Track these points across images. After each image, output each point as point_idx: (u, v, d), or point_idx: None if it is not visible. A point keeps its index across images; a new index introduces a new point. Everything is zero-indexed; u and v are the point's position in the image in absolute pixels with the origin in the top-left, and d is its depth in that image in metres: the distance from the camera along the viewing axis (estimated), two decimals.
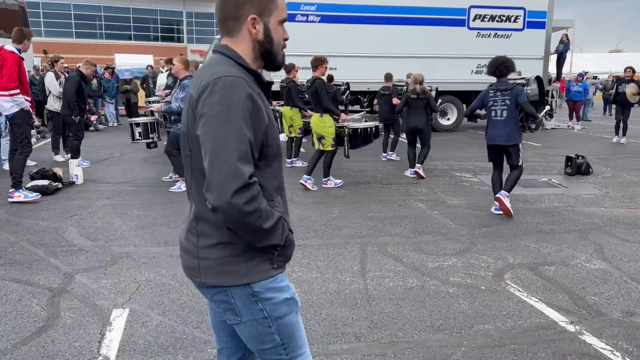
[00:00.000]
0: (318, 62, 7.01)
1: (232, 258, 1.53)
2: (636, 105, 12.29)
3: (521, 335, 3.17)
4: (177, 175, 7.14)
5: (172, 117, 6.74)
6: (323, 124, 7.01)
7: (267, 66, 1.64)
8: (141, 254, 4.52)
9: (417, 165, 7.92)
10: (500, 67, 5.77)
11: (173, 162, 6.93)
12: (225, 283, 1.54)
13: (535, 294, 3.77)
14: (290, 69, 8.86)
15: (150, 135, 7.46)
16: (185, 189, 6.52)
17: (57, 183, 6.87)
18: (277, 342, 1.61)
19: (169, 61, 11.84)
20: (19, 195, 6.14)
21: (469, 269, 4.26)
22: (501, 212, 5.87)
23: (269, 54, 1.62)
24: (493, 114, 5.84)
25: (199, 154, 1.49)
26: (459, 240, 4.99)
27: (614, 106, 13.94)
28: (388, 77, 9.97)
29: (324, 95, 6.92)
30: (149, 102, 12.84)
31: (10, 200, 6.14)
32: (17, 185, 6.19)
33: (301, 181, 7.05)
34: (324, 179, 7.28)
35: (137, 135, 7.50)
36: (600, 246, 4.86)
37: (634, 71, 12.67)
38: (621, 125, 12.33)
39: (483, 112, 6.19)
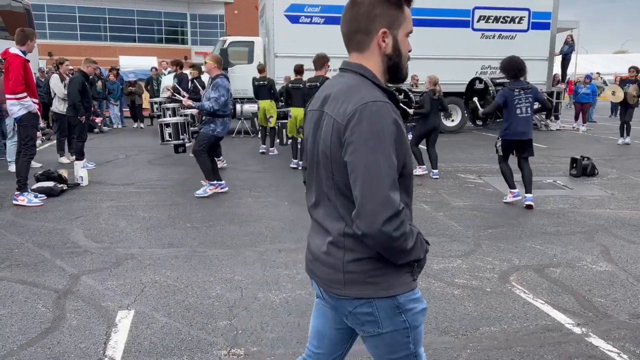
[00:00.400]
0: (324, 61, 6.90)
1: (378, 271, 1.56)
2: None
3: (527, 337, 3.16)
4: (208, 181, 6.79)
5: (203, 118, 6.55)
6: None
7: (392, 79, 1.64)
8: (146, 255, 4.53)
9: (435, 171, 8.08)
10: (522, 68, 6.14)
11: (200, 163, 6.65)
12: (371, 295, 1.57)
13: (541, 295, 3.76)
14: (301, 70, 8.84)
15: (181, 137, 7.23)
16: (210, 192, 6.55)
17: (62, 185, 6.90)
18: (410, 351, 1.65)
19: (176, 63, 11.84)
20: (23, 200, 6.17)
21: (474, 270, 4.24)
22: (513, 201, 6.42)
23: (396, 68, 1.62)
24: (519, 111, 6.11)
25: (343, 178, 1.51)
26: (464, 242, 4.98)
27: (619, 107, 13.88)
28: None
29: None
30: (154, 102, 12.89)
31: (14, 202, 6.16)
32: (21, 188, 6.21)
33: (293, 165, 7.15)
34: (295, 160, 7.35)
35: (167, 137, 7.26)
36: (607, 248, 4.84)
37: (638, 71, 12.61)
38: (625, 126, 12.30)
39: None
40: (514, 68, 6.07)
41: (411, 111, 8.77)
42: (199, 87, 9.88)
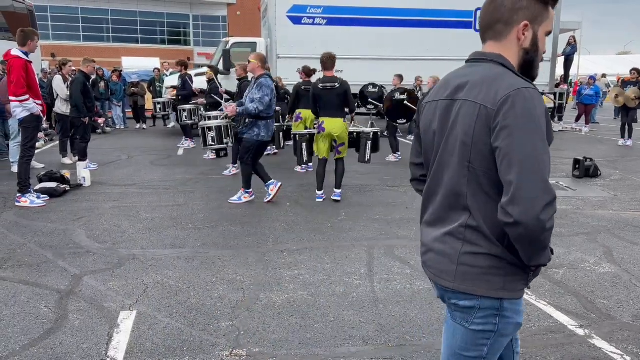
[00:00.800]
0: (334, 60, 6.47)
1: (495, 270, 1.53)
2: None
3: (530, 339, 3.15)
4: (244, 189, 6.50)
5: (245, 121, 6.16)
6: (346, 129, 6.48)
7: (523, 75, 1.61)
8: (148, 256, 4.53)
9: None
10: None
11: (243, 171, 6.38)
12: (480, 292, 1.55)
13: (544, 297, 3.75)
14: (312, 72, 8.62)
15: (225, 140, 6.85)
16: (245, 200, 6.32)
17: (64, 185, 6.91)
18: (482, 355, 1.62)
19: (181, 63, 11.82)
20: (25, 201, 6.17)
21: None
22: None
23: (530, 64, 1.60)
24: None
25: (483, 166, 1.49)
26: None
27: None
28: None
29: (352, 97, 6.54)
30: (157, 102, 12.89)
31: (17, 204, 6.17)
32: (23, 190, 6.22)
33: (337, 197, 6.51)
34: (339, 191, 6.59)
35: (209, 141, 6.90)
36: (609, 249, 4.82)
37: (639, 73, 12.59)
38: (626, 127, 12.28)
39: None
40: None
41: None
42: (217, 87, 9.84)
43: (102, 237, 5.05)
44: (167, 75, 15.79)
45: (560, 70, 17.27)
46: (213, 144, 6.93)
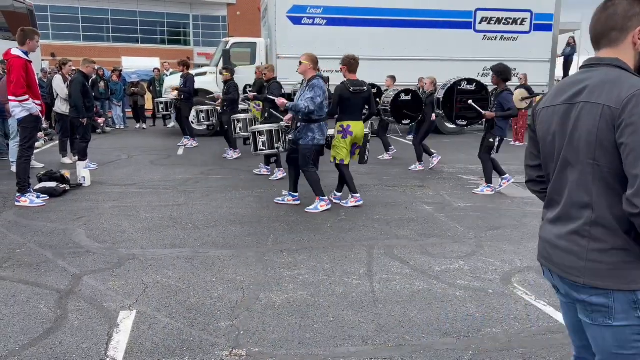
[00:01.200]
0: (358, 62, 6.26)
1: (625, 264, 1.60)
2: None
3: (529, 339, 3.16)
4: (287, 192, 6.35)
5: (297, 125, 5.99)
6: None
7: None
8: (148, 255, 4.53)
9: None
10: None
11: (308, 179, 6.10)
12: (612, 287, 1.60)
13: (544, 297, 3.75)
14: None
15: (276, 145, 6.52)
16: (323, 208, 5.96)
17: (64, 185, 6.91)
18: (639, 350, 1.66)
19: (183, 64, 11.80)
20: (25, 201, 6.17)
21: (476, 272, 4.24)
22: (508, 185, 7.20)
23: None
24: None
25: (609, 163, 1.58)
26: (466, 243, 4.97)
27: None
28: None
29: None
30: (159, 102, 12.88)
31: (17, 204, 6.17)
32: (22, 189, 6.22)
33: (359, 203, 6.29)
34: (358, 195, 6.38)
35: (260, 145, 6.56)
36: None
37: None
38: None
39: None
40: (509, 72, 6.82)
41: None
42: (233, 89, 9.75)
43: (101, 237, 5.05)
44: (167, 75, 15.80)
45: (559, 72, 17.29)
46: (264, 148, 6.58)
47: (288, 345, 3.04)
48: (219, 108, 10.65)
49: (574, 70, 20.32)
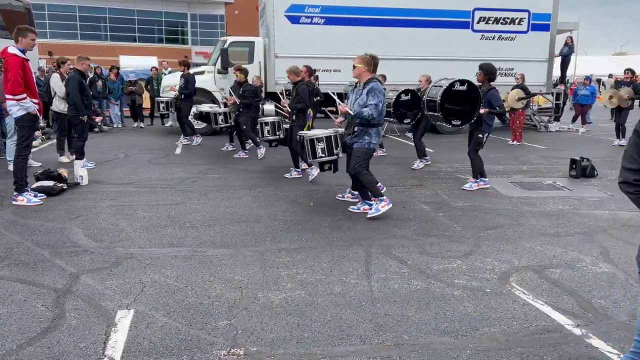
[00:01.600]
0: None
1: None
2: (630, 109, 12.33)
3: (527, 338, 3.16)
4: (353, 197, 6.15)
5: (354, 129, 5.76)
6: None
7: None
8: (146, 255, 4.52)
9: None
10: None
11: (365, 181, 5.84)
12: None
13: (541, 296, 3.76)
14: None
15: (335, 151, 6.22)
16: (384, 208, 5.62)
17: (62, 184, 6.89)
18: None
19: (183, 63, 11.79)
20: (22, 200, 6.16)
21: (474, 271, 4.24)
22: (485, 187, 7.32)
23: None
24: None
25: None
26: (464, 243, 4.98)
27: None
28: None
29: None
30: (160, 102, 12.84)
31: (14, 203, 6.15)
32: (19, 188, 6.20)
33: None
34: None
35: (319, 152, 6.24)
36: (606, 249, 4.84)
37: (633, 74, 12.67)
38: (620, 127, 12.35)
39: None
40: (496, 73, 7.23)
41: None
42: (250, 92, 9.71)
43: (99, 236, 5.04)
44: (165, 74, 15.77)
45: (557, 71, 17.32)
46: (323, 155, 6.23)
47: (286, 344, 3.04)
48: (224, 108, 10.72)
49: (571, 70, 20.36)
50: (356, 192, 6.40)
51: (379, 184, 6.26)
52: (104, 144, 11.71)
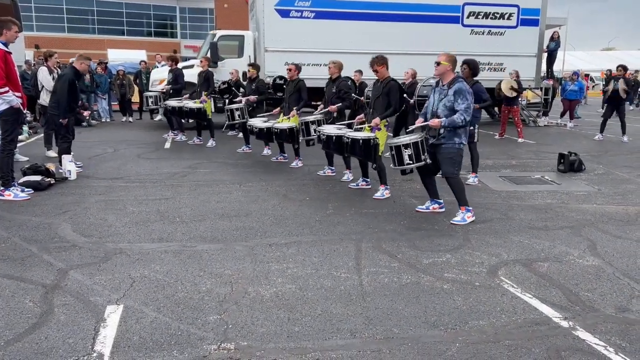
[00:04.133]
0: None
1: None
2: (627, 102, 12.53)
3: (515, 331, 3.19)
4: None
5: (440, 133, 5.47)
6: None
7: None
8: (135, 250, 4.50)
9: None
10: None
11: (455, 186, 5.59)
12: None
13: (529, 290, 3.80)
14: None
15: (422, 157, 5.72)
16: (469, 220, 5.45)
17: (49, 179, 6.83)
18: None
19: (171, 58, 11.75)
20: (9, 195, 6.08)
21: (463, 265, 4.27)
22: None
23: None
24: None
25: None
26: (453, 237, 5.01)
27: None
28: None
29: None
30: (149, 97, 12.74)
31: (0, 198, 6.08)
32: (5, 183, 6.12)
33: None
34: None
35: (407, 159, 5.75)
36: (593, 242, 4.89)
37: (625, 69, 12.80)
38: (614, 123, 12.51)
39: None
40: (479, 68, 7.30)
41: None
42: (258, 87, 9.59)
43: (88, 231, 5.00)
44: (158, 67, 15.62)
45: (543, 66, 17.41)
46: (411, 162, 5.79)
47: (276, 338, 3.05)
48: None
49: (557, 65, 20.49)
50: (369, 179, 6.90)
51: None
52: (92, 139, 11.60)
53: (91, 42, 36.05)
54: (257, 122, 8.66)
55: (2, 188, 6.13)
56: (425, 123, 5.56)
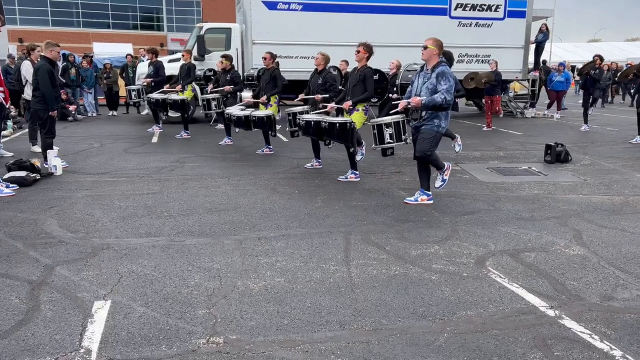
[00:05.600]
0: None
1: None
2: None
3: (503, 320, 3.22)
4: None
5: (422, 114, 5.55)
6: None
7: None
8: (123, 245, 4.47)
9: None
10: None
11: (431, 160, 5.75)
12: None
13: (516, 280, 3.83)
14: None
15: (403, 137, 5.91)
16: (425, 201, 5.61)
17: (35, 174, 6.75)
18: None
19: (151, 51, 11.73)
20: None
21: (451, 256, 4.30)
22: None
23: None
24: None
25: None
26: (441, 228, 5.04)
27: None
28: None
29: None
30: (131, 90, 12.61)
31: None
32: None
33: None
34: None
35: (387, 138, 5.87)
36: (579, 232, 4.95)
37: (602, 60, 13.07)
38: (598, 114, 12.71)
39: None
40: (453, 59, 7.50)
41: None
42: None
43: (74, 227, 4.95)
44: (143, 61, 15.47)
45: (531, 57, 17.50)
46: (391, 141, 5.95)
47: (265, 331, 3.05)
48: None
49: (545, 56, 20.60)
50: (357, 172, 6.98)
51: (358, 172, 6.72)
52: (78, 133, 11.48)
53: (76, 35, 35.56)
54: (235, 111, 8.70)
55: None
56: (407, 101, 5.66)
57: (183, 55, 11.55)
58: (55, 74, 7.61)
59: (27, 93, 9.02)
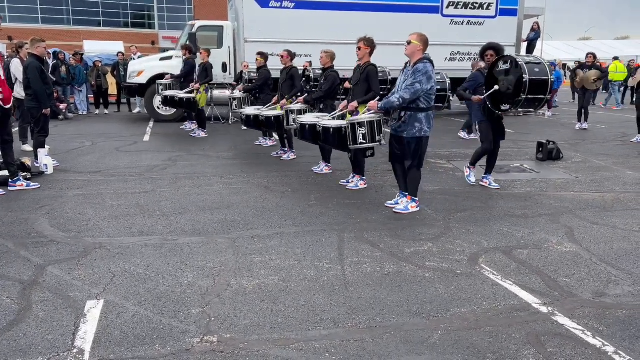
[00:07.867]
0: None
1: None
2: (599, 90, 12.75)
3: (496, 317, 3.24)
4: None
5: (401, 115, 5.31)
6: None
7: None
8: (115, 244, 4.44)
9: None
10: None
11: (412, 177, 5.52)
12: None
13: (509, 277, 3.85)
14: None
15: (377, 138, 5.69)
16: (412, 209, 5.42)
17: (25, 173, 6.69)
18: None
19: (185, 47, 11.93)
20: None
21: (444, 253, 4.31)
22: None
23: None
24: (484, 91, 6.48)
25: None
26: (435, 226, 5.05)
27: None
28: None
29: None
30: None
31: None
32: None
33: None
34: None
35: (360, 138, 5.71)
36: (571, 229, 4.98)
37: (595, 57, 13.02)
38: (582, 111, 12.69)
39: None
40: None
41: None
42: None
43: (66, 226, 4.91)
44: (134, 59, 15.39)
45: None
46: (364, 142, 5.71)
47: (260, 330, 3.04)
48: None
49: (537, 54, 20.70)
50: (364, 178, 6.63)
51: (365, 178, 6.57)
52: (69, 132, 11.39)
53: (66, 33, 35.26)
54: (248, 110, 8.63)
55: None
56: (368, 104, 5.61)
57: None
58: (45, 71, 7.51)
59: (17, 92, 8.92)
